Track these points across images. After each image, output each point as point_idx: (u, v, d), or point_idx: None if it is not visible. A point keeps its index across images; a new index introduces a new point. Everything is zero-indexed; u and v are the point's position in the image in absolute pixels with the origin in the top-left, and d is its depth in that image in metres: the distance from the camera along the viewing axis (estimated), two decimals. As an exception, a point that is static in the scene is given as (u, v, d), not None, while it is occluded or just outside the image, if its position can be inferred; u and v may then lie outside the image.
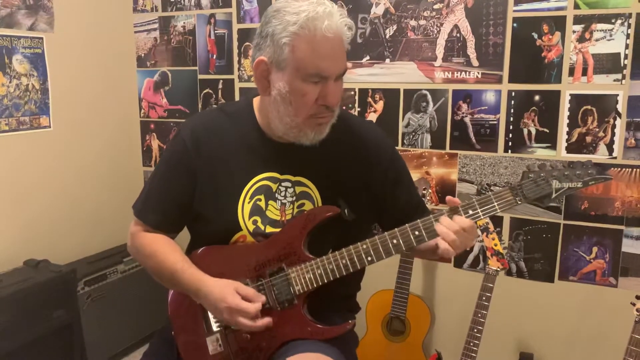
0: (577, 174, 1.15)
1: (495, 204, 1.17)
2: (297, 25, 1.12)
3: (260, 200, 1.29)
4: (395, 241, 1.20)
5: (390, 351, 2.33)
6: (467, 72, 2.26)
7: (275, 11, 1.17)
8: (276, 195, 1.30)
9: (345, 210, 1.25)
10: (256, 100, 1.34)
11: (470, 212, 1.18)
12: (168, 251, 1.30)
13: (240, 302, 1.19)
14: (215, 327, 1.30)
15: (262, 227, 1.29)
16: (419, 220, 1.20)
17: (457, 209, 1.18)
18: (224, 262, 1.28)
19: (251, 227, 1.28)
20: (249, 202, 1.29)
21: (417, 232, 1.19)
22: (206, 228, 1.32)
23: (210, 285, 1.23)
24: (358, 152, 1.33)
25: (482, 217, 1.18)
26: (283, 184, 1.30)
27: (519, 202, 1.17)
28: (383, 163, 1.34)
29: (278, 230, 1.28)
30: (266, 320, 1.20)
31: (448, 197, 1.20)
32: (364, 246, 1.21)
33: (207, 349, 1.30)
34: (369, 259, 1.21)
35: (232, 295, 1.20)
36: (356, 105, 2.48)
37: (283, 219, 1.29)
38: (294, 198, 1.30)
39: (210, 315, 1.30)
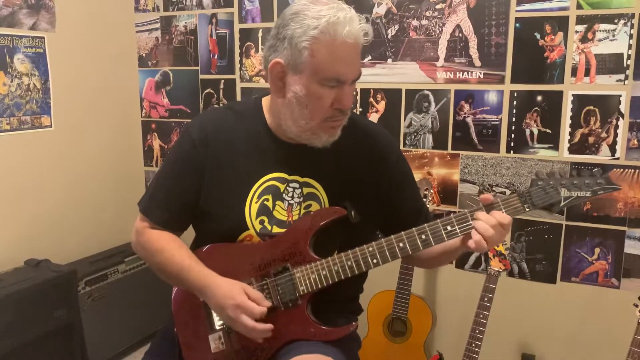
0: (586, 183, 1.15)
1: (504, 210, 1.17)
2: (318, 29, 1.12)
3: (267, 200, 1.29)
4: (401, 244, 1.20)
5: (391, 352, 2.33)
6: (469, 72, 2.26)
7: (294, 14, 1.16)
8: (284, 195, 1.29)
9: (352, 213, 1.25)
10: (265, 100, 1.34)
11: None
12: (175, 248, 1.30)
13: (247, 300, 1.19)
14: (218, 325, 1.29)
15: (269, 227, 1.28)
16: (426, 224, 1.19)
17: (493, 204, 1.17)
18: (229, 260, 1.28)
19: (258, 227, 1.28)
20: (256, 202, 1.29)
21: (423, 236, 1.19)
22: (212, 226, 1.32)
23: (218, 283, 1.23)
24: (365, 155, 1.33)
25: None
26: (291, 184, 1.30)
27: (527, 209, 1.17)
28: (390, 166, 1.34)
29: (284, 230, 1.28)
30: (267, 326, 1.20)
31: (482, 195, 1.20)
32: (370, 248, 1.21)
33: (209, 346, 1.30)
34: (375, 261, 1.21)
35: (239, 294, 1.19)
36: (358, 105, 2.47)
37: (290, 219, 1.29)
38: (301, 199, 1.30)
39: (214, 313, 1.30)
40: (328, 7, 1.14)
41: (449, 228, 1.18)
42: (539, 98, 2.17)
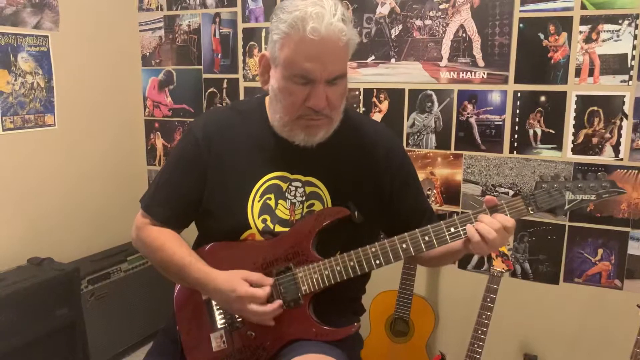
0: (590, 187, 1.14)
1: (507, 213, 1.16)
2: (287, 24, 1.13)
3: (270, 199, 1.29)
4: (404, 245, 1.20)
5: (393, 352, 2.33)
6: (473, 73, 2.26)
7: (279, 8, 1.18)
8: (286, 194, 1.29)
9: (355, 213, 1.25)
10: (268, 99, 1.34)
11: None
12: (175, 245, 1.30)
13: (250, 289, 1.19)
14: (219, 323, 1.30)
15: (272, 226, 1.28)
16: (429, 225, 1.19)
17: (496, 207, 1.16)
18: (231, 258, 1.27)
19: (260, 226, 1.28)
20: (258, 201, 1.29)
21: (427, 238, 1.19)
22: (215, 225, 1.32)
23: (218, 278, 1.23)
24: (369, 154, 1.32)
25: None
26: (293, 183, 1.30)
27: (531, 212, 1.16)
28: (393, 166, 1.34)
29: (287, 229, 1.28)
30: (276, 304, 1.20)
31: (487, 197, 1.19)
32: (373, 249, 1.21)
33: (210, 345, 1.30)
34: (377, 262, 1.21)
35: (240, 284, 1.19)
36: (361, 105, 2.47)
37: (292, 218, 1.29)
38: (304, 198, 1.30)
39: (216, 312, 1.30)
40: (305, 3, 1.12)
41: (452, 230, 1.18)
42: (543, 98, 2.16)
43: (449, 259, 1.37)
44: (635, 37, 1.99)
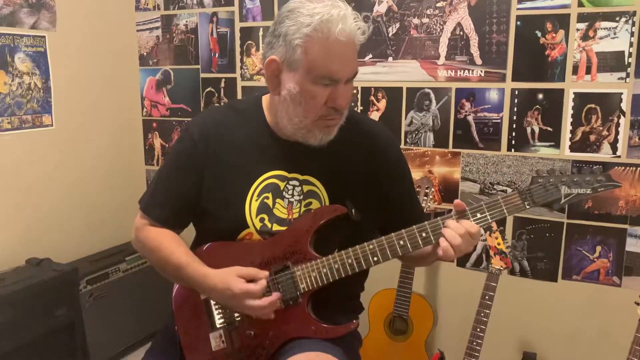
0: (586, 181, 1.15)
1: (504, 208, 1.17)
2: (311, 27, 1.12)
3: (267, 198, 1.29)
4: (402, 242, 1.20)
5: (392, 350, 2.33)
6: (470, 71, 2.26)
7: (290, 11, 1.16)
8: (284, 193, 1.30)
9: (352, 211, 1.25)
10: (265, 99, 1.34)
11: (479, 215, 1.18)
12: (173, 246, 1.30)
13: (245, 285, 1.19)
14: (218, 323, 1.30)
15: (269, 225, 1.29)
16: (426, 222, 1.20)
17: (465, 212, 1.18)
18: (229, 258, 1.27)
19: (258, 225, 1.28)
20: (256, 200, 1.29)
21: (424, 234, 1.19)
22: (213, 225, 1.32)
23: (213, 277, 1.23)
24: (366, 153, 1.33)
25: (490, 222, 1.17)
26: (291, 182, 1.30)
27: (528, 207, 1.17)
28: (390, 164, 1.35)
29: (285, 228, 1.28)
30: (274, 297, 1.20)
31: (456, 201, 1.20)
32: (370, 246, 1.21)
33: (210, 344, 1.30)
34: (375, 259, 1.21)
35: (235, 281, 1.19)
36: (358, 103, 2.47)
37: (290, 217, 1.29)
38: (302, 197, 1.30)
39: (214, 311, 1.30)
40: (322, 5, 1.13)
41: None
42: (540, 96, 2.16)
43: (423, 262, 1.41)
44: (632, 34, 1.99)
